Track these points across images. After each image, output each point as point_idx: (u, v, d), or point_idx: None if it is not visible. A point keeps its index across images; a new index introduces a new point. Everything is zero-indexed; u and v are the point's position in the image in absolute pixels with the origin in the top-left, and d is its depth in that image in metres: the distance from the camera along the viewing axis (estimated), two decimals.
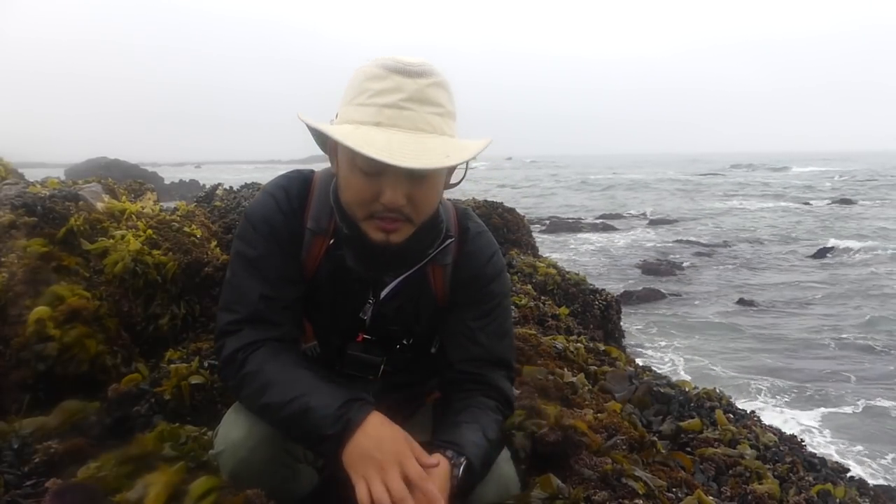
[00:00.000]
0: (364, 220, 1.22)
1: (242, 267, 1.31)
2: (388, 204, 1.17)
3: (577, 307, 4.52)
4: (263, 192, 1.36)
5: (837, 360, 7.82)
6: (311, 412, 1.14)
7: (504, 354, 1.43)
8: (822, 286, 12.01)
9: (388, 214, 1.19)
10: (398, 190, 1.17)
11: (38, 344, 2.01)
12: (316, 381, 1.20)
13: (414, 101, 1.15)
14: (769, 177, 52.44)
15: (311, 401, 1.15)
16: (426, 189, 1.21)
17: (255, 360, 1.24)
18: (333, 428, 1.12)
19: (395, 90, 1.15)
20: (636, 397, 2.49)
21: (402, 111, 1.14)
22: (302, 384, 1.18)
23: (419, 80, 1.16)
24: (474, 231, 1.43)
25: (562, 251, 15.99)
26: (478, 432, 1.25)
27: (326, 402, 1.15)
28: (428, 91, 1.16)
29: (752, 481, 2.02)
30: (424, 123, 1.15)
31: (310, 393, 1.16)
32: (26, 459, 1.66)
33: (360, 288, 1.36)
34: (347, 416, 1.12)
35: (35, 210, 2.37)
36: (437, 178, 1.24)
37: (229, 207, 4.16)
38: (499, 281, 1.43)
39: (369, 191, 1.18)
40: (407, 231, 1.24)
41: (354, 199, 1.21)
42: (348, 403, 1.14)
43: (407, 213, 1.20)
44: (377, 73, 1.17)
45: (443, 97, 1.19)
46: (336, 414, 1.13)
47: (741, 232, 19.92)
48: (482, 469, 1.24)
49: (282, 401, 1.18)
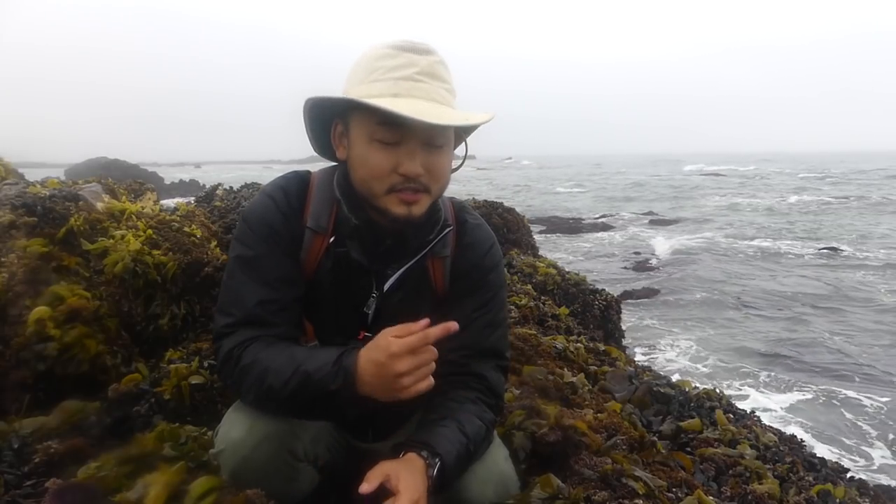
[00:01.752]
0: (384, 195, 1.25)
1: (239, 268, 1.32)
2: (407, 173, 1.21)
3: (576, 307, 4.52)
4: (261, 194, 1.37)
5: (837, 361, 7.82)
6: (310, 378, 1.18)
7: (495, 344, 1.43)
8: (822, 286, 12.01)
9: (408, 185, 1.23)
10: (416, 159, 1.22)
11: (38, 344, 2.01)
12: (307, 351, 1.25)
13: (426, 74, 1.22)
14: (769, 177, 52.49)
15: (308, 367, 1.19)
16: (441, 158, 1.26)
17: (250, 352, 1.25)
18: (336, 382, 1.16)
19: (408, 65, 1.21)
20: (636, 397, 2.50)
21: (417, 83, 1.21)
22: (296, 357, 1.22)
23: (428, 57, 1.23)
24: (472, 223, 1.45)
25: (561, 251, 15.99)
26: (453, 429, 1.26)
27: (321, 364, 1.18)
28: (437, 67, 1.24)
29: (752, 481, 2.02)
30: (437, 95, 1.22)
31: (304, 362, 1.20)
32: (26, 459, 1.66)
33: (363, 282, 1.36)
34: (343, 367, 1.16)
35: (35, 210, 2.37)
36: (449, 150, 1.29)
37: (229, 207, 4.16)
38: (496, 272, 1.45)
39: (389, 162, 1.22)
40: (426, 203, 1.28)
41: (373, 173, 1.24)
42: (339, 358, 1.18)
43: (425, 183, 1.24)
44: (388, 53, 1.23)
45: (447, 74, 1.26)
46: (333, 370, 1.17)
47: (741, 231, 19.95)
48: (459, 464, 1.25)
49: (282, 379, 1.20)
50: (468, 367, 1.39)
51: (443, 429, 1.26)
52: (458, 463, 1.24)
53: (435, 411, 1.32)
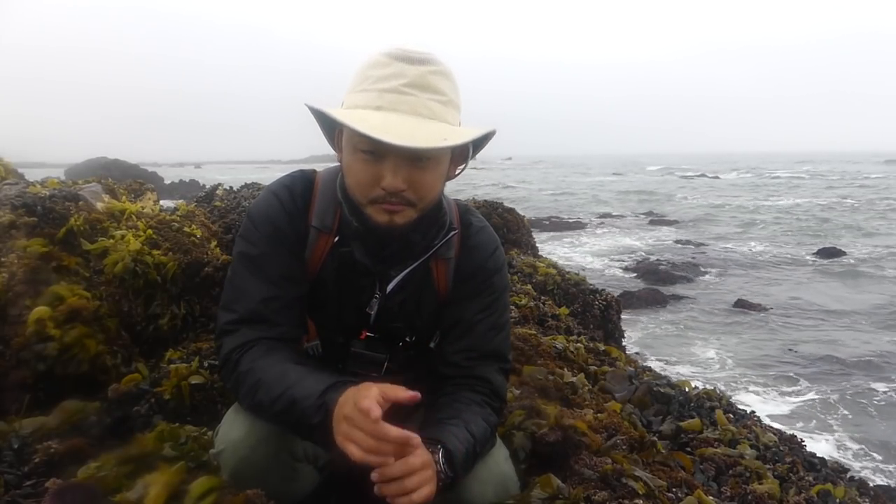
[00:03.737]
0: (367, 204, 1.23)
1: (243, 266, 1.32)
2: (388, 188, 1.18)
3: (577, 307, 4.51)
4: (267, 192, 1.37)
5: (837, 362, 7.82)
6: (296, 405, 1.15)
7: (498, 347, 1.43)
8: (823, 285, 12.02)
9: (390, 199, 1.20)
10: (398, 174, 1.17)
11: (38, 344, 2.01)
12: (301, 373, 1.20)
13: (415, 86, 1.16)
14: (768, 177, 52.59)
15: (296, 393, 1.16)
16: (427, 174, 1.21)
17: (248, 358, 1.24)
18: (317, 416, 1.12)
19: (396, 76, 1.16)
20: (636, 397, 2.49)
21: (403, 96, 1.16)
22: (288, 378, 1.19)
23: (421, 67, 1.17)
24: (477, 226, 1.45)
25: (562, 251, 16.00)
26: (461, 429, 1.25)
27: (308, 391, 1.15)
28: (429, 78, 1.18)
29: (752, 481, 2.02)
30: (424, 109, 1.16)
31: (294, 385, 1.17)
32: (26, 459, 1.66)
33: (366, 283, 1.36)
34: (326, 404, 1.12)
35: (35, 210, 2.37)
36: (439, 165, 1.24)
37: (229, 207, 4.16)
38: (500, 275, 1.45)
39: (370, 175, 1.19)
40: (409, 214, 1.24)
41: (356, 183, 1.22)
42: (326, 391, 1.13)
43: (409, 198, 1.21)
44: (380, 61, 1.19)
45: (445, 86, 1.20)
46: (317, 403, 1.13)
47: (741, 230, 19.95)
48: (466, 464, 1.24)
49: (271, 398, 1.18)
50: (473, 369, 1.39)
51: (452, 427, 1.25)
52: (465, 462, 1.23)
53: (442, 411, 1.32)
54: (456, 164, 1.32)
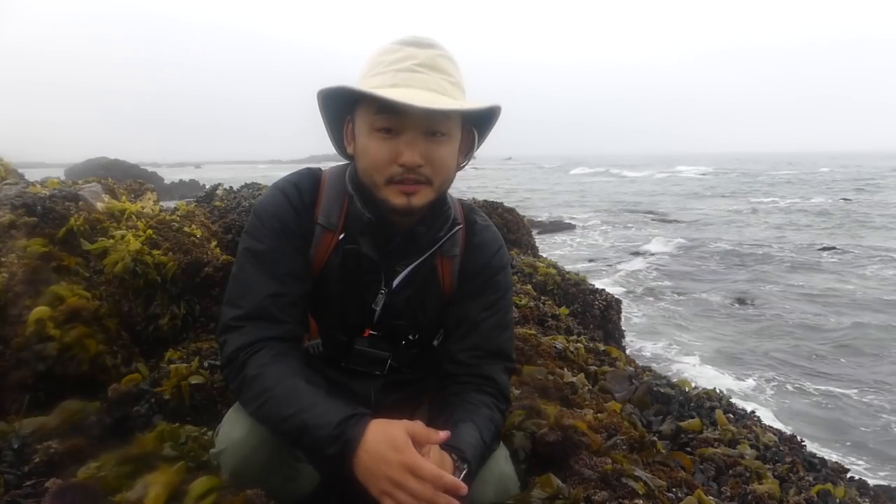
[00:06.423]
0: (384, 185, 1.24)
1: (249, 262, 1.32)
2: (406, 163, 1.21)
3: (577, 307, 4.52)
4: (273, 188, 1.37)
5: (838, 362, 7.82)
6: (308, 431, 1.13)
7: (503, 346, 1.44)
8: (822, 285, 12.01)
9: (408, 176, 1.22)
10: (415, 149, 1.21)
11: (38, 344, 2.01)
12: (313, 396, 1.17)
13: (426, 66, 1.23)
14: (767, 176, 52.63)
15: (308, 419, 1.14)
16: (442, 148, 1.25)
17: (255, 363, 1.23)
18: (333, 448, 1.11)
19: (408, 58, 1.23)
20: (636, 397, 2.49)
21: (416, 74, 1.22)
22: (300, 399, 1.17)
23: (429, 50, 1.24)
24: (481, 224, 1.46)
25: (562, 251, 15.99)
26: (474, 432, 1.25)
27: (323, 420, 1.13)
28: (438, 60, 1.25)
29: (752, 481, 2.02)
30: (437, 86, 1.22)
31: (307, 409, 1.15)
32: (26, 459, 1.66)
33: (371, 279, 1.37)
34: (345, 437, 1.11)
35: (35, 210, 2.37)
36: (453, 140, 1.28)
37: (229, 207, 4.15)
38: (504, 274, 1.46)
39: (388, 152, 1.22)
40: (427, 194, 1.26)
41: (373, 163, 1.24)
42: (343, 423, 1.12)
43: (426, 174, 1.24)
44: (391, 48, 1.25)
45: (451, 68, 1.27)
46: (333, 434, 1.11)
47: (741, 230, 19.94)
48: (478, 468, 1.25)
49: (279, 416, 1.17)
50: (479, 368, 1.39)
51: (466, 430, 1.25)
52: (477, 467, 1.24)
53: (453, 411, 1.32)
54: (463, 151, 1.34)
